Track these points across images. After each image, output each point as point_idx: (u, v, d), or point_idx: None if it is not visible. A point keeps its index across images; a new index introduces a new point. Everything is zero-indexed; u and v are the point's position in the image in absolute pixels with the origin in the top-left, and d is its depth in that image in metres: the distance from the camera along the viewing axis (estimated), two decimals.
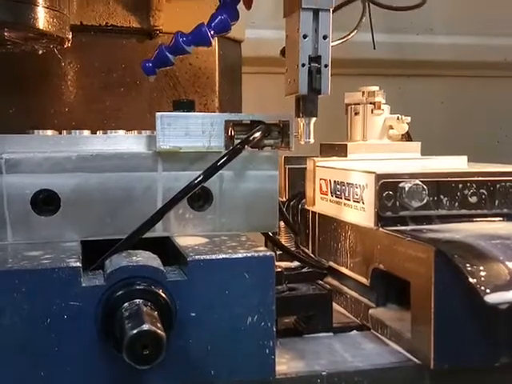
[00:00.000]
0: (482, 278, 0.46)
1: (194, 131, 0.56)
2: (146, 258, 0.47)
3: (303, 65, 0.56)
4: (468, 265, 0.47)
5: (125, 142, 0.60)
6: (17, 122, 1.05)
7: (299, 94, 0.57)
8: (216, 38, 1.20)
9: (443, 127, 1.52)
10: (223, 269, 0.47)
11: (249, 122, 0.57)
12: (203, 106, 1.22)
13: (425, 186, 0.60)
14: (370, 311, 0.62)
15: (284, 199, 0.86)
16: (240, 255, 0.48)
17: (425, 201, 0.61)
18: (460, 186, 0.62)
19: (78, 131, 0.61)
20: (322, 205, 0.75)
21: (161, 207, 0.53)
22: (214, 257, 0.47)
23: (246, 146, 0.54)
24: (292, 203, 0.85)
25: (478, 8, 1.48)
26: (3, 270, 0.44)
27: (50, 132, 0.61)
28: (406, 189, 0.60)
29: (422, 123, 1.57)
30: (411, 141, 0.86)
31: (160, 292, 0.44)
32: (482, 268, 0.47)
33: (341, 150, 0.81)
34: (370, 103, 0.84)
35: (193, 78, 1.19)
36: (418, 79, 1.49)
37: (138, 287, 0.44)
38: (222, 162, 0.53)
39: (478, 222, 0.61)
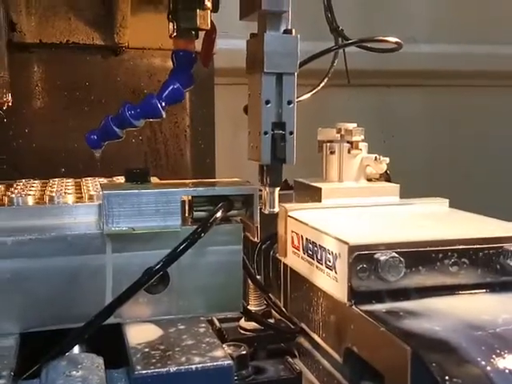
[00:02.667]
0: None
1: (147, 210, 0.50)
2: (87, 371, 0.42)
3: (266, 133, 0.51)
4: (447, 378, 0.42)
5: (72, 212, 0.54)
6: None
7: (261, 163, 0.52)
8: None
9: (425, 138, 1.48)
10: (174, 383, 0.42)
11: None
12: (173, 124, 1.16)
13: (402, 259, 0.55)
14: None
15: (255, 239, 0.81)
16: (194, 367, 0.43)
17: (402, 274, 0.56)
18: (440, 255, 0.57)
19: (20, 199, 0.55)
20: (293, 259, 0.69)
21: (110, 303, 0.47)
22: (163, 370, 0.42)
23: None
24: (264, 247, 0.79)
25: (461, 16, 1.43)
26: None
27: None
28: (382, 262, 0.55)
29: (403, 134, 1.53)
30: (390, 180, 0.81)
31: None
32: (461, 381, 0.42)
33: (315, 194, 0.76)
34: (347, 142, 0.78)
35: None
36: (399, 89, 1.44)
37: None
38: (181, 248, 0.48)
39: (459, 297, 0.57)
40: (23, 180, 0.69)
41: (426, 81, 1.40)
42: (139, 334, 0.49)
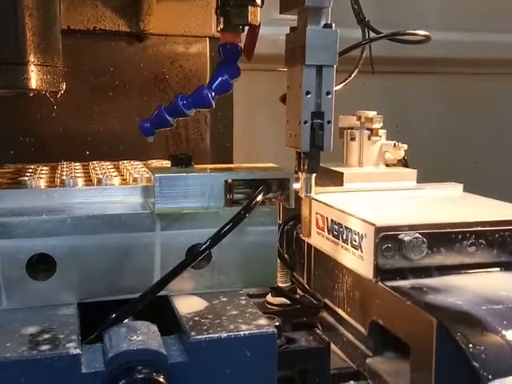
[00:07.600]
0: (485, 362, 0.46)
1: (193, 192, 0.54)
2: (146, 336, 0.47)
3: (305, 122, 0.55)
4: (471, 345, 0.47)
5: (120, 193, 0.59)
6: (2, 127, 1.03)
7: (301, 150, 0.56)
8: (207, 39, 1.17)
9: (437, 126, 1.51)
10: (225, 347, 0.47)
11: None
12: None
13: (424, 239, 0.60)
14: (367, 361, 0.62)
15: (278, 221, 0.85)
16: (242, 333, 0.47)
17: (424, 253, 0.60)
18: (459, 236, 0.62)
19: (71, 180, 0.59)
20: (318, 239, 0.74)
21: (163, 277, 0.52)
22: (215, 336, 0.47)
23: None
24: (287, 228, 0.84)
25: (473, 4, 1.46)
26: (2, 362, 0.42)
27: (42, 183, 0.59)
28: (406, 242, 0.60)
29: (416, 120, 1.57)
30: (407, 166, 0.86)
31: (161, 379, 0.44)
32: (484, 348, 0.47)
33: (337, 178, 0.81)
34: (367, 129, 0.82)
35: (183, 80, 1.16)
36: (412, 76, 1.47)
37: (139, 375, 0.43)
38: (226, 229, 0.52)
39: (477, 274, 0.61)
40: (65, 163, 0.73)
41: (440, 68, 1.44)
42: (187, 305, 0.53)
